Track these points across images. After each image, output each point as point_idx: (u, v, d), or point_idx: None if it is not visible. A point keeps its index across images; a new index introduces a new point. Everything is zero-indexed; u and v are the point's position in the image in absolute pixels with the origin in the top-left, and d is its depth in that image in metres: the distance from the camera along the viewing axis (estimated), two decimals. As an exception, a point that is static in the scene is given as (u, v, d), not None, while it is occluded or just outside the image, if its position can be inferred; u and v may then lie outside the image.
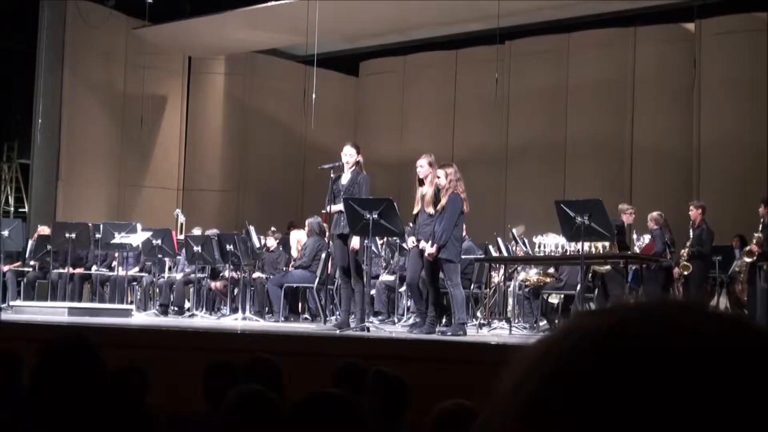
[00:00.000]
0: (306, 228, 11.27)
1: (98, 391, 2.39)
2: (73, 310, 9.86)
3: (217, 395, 3.46)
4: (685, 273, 10.67)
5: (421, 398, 4.17)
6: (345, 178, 8.40)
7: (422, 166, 8.19)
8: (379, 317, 10.49)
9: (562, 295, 9.66)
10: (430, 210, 8.07)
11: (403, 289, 10.49)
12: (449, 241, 7.91)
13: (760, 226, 10.03)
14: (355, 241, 8.25)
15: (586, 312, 0.64)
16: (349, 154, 8.38)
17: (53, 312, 9.69)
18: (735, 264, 10.64)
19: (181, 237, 12.32)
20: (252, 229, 11.17)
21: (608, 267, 9.36)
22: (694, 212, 10.84)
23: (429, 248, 7.96)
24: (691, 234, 10.82)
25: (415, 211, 8.27)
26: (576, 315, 0.65)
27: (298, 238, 11.63)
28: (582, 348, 0.59)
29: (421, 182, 8.21)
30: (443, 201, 7.98)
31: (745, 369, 0.56)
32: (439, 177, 8.10)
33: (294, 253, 11.60)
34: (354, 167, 8.38)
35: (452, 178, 8.04)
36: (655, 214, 10.95)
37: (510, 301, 10.31)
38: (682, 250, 10.78)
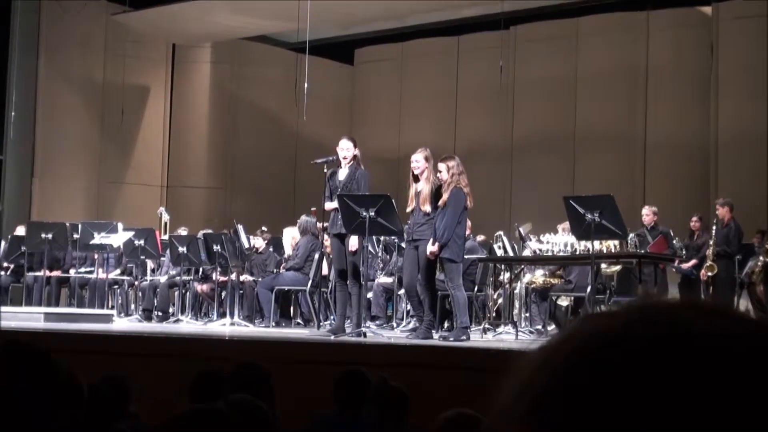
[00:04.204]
0: (298, 226, 11.26)
1: (49, 396, 2.42)
2: (50, 315, 9.85)
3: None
4: (710, 274, 10.66)
5: (422, 407, 4.18)
6: (342, 174, 8.39)
7: (418, 161, 8.17)
8: (377, 322, 10.49)
9: (572, 298, 9.67)
10: (427, 208, 8.05)
11: (401, 291, 10.49)
12: (451, 239, 7.91)
13: None
14: (353, 242, 8.25)
15: (589, 315, 0.65)
16: (345, 149, 8.36)
17: (28, 318, 9.68)
18: (748, 265, 10.65)
19: (165, 237, 12.32)
20: (241, 228, 11.17)
21: (618, 268, 9.37)
22: (721, 211, 10.85)
23: (430, 247, 7.96)
24: (713, 232, 10.83)
25: (409, 209, 8.26)
26: (579, 318, 0.65)
27: (292, 235, 11.60)
28: (583, 353, 0.60)
29: (416, 178, 8.20)
30: (445, 196, 7.97)
31: (760, 373, 0.57)
32: (440, 171, 8.08)
33: (289, 250, 11.58)
34: (352, 162, 8.37)
35: (454, 172, 8.01)
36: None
37: (516, 303, 10.32)
38: (708, 250, 10.79)
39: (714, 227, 10.91)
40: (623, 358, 0.58)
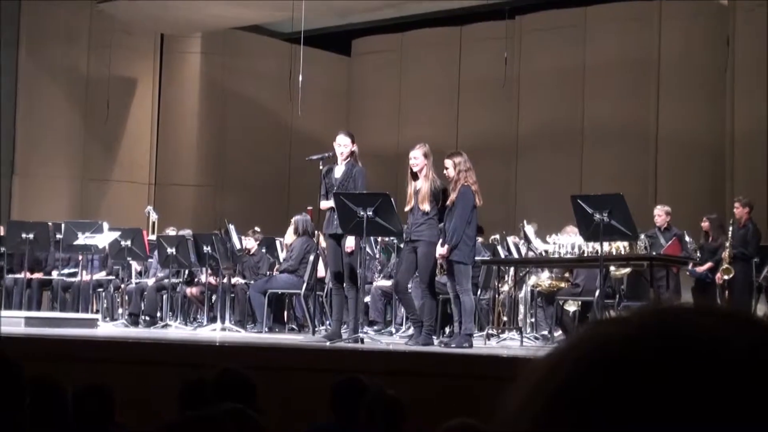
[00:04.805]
0: (292, 227, 11.26)
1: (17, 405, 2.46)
2: (31, 320, 9.85)
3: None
4: (726, 277, 10.63)
5: (423, 417, 4.18)
6: (338, 171, 8.39)
7: (416, 157, 8.17)
8: (375, 327, 10.49)
9: (579, 302, 9.67)
10: (426, 207, 8.05)
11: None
12: (461, 240, 7.92)
13: None
14: (350, 242, 8.25)
15: (600, 320, 0.66)
16: (343, 145, 8.37)
17: (8, 323, 9.64)
18: (767, 268, 10.63)
19: (153, 237, 12.32)
20: (232, 228, 11.17)
21: (627, 271, 9.36)
22: (739, 210, 10.81)
23: (440, 249, 7.96)
24: (729, 233, 10.81)
25: (407, 209, 8.26)
26: (589, 324, 0.66)
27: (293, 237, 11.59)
28: (593, 360, 0.61)
29: (415, 176, 8.20)
30: (453, 195, 7.98)
31: None
32: (446, 168, 8.09)
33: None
34: (348, 159, 8.37)
35: (461, 169, 8.02)
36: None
37: (521, 308, 10.32)
38: (724, 253, 10.75)
39: (731, 228, 10.87)
40: (639, 362, 0.59)
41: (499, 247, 10.97)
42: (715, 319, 0.62)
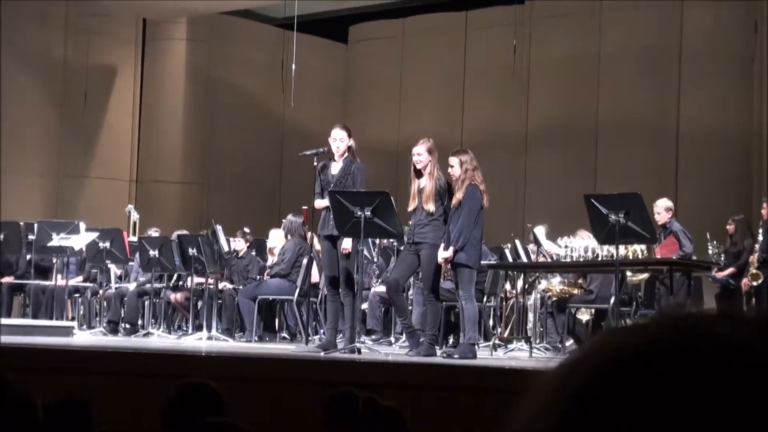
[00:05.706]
0: (283, 227, 11.27)
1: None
2: (1, 328, 9.84)
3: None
4: (755, 283, 10.61)
5: (422, 434, 4.19)
6: (335, 168, 8.40)
7: (420, 154, 8.19)
8: (373, 336, 10.50)
9: (593, 310, 9.67)
10: (430, 207, 8.07)
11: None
12: (468, 242, 7.94)
13: None
14: (346, 243, 8.25)
15: (614, 329, 0.66)
16: (339, 139, 8.38)
17: (-23, 330, 9.68)
18: None
19: (134, 239, 12.32)
20: (219, 229, 11.18)
21: (645, 276, 9.36)
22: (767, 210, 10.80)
23: (443, 252, 7.98)
24: (760, 236, 10.79)
25: (410, 209, 8.28)
26: (603, 332, 0.67)
27: (278, 237, 11.60)
28: (607, 370, 0.62)
29: (419, 173, 8.22)
30: (459, 195, 8.00)
31: None
32: (451, 166, 8.11)
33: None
34: (345, 154, 8.38)
35: (468, 167, 8.05)
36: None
37: (530, 316, 10.33)
38: (751, 257, 10.73)
39: (761, 230, 10.83)
40: (654, 372, 0.60)
41: (506, 251, 10.97)
42: (735, 325, 0.63)
